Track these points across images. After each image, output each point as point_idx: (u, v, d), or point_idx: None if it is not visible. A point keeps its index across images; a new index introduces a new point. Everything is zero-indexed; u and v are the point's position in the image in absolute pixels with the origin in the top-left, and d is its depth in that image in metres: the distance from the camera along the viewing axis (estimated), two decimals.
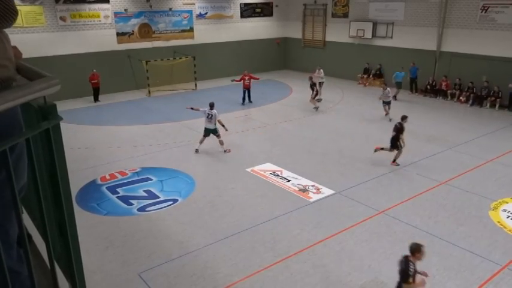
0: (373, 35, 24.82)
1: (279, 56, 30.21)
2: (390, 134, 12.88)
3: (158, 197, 10.69)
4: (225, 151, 13.72)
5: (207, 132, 13.62)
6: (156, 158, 13.37)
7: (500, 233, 9.09)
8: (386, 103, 18.03)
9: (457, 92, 20.99)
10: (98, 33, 21.93)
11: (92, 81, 20.72)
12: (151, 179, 11.76)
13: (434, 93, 22.02)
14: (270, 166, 12.65)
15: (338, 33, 26.77)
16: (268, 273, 7.68)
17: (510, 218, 9.67)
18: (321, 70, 22.05)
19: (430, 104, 20.76)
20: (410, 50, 23.09)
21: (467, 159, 13.19)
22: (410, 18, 23.09)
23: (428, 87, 22.31)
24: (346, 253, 8.29)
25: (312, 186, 11.24)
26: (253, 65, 28.51)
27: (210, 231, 9.12)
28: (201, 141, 13.73)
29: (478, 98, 20.17)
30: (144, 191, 11.05)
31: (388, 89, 18.03)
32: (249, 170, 12.42)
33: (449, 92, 21.28)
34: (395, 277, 7.48)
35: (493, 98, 19.63)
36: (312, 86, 19.16)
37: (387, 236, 8.93)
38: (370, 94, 22.89)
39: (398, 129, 12.55)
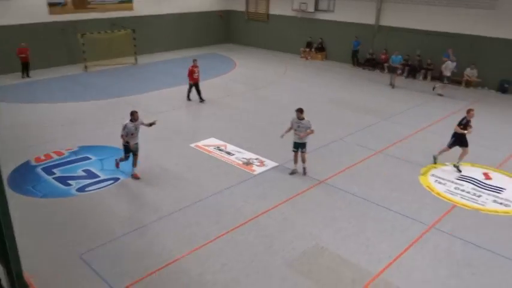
0: (316, 9, 25.07)
1: (222, 29, 29.76)
2: (328, 106, 13.22)
3: (98, 176, 10.38)
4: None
5: None
6: (95, 136, 12.90)
7: (429, 196, 9.81)
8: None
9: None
10: (26, 2, 20.34)
11: (20, 56, 19.30)
12: (90, 158, 11.37)
13: (372, 65, 22.84)
14: (214, 141, 12.65)
15: (281, 6, 26.77)
16: (214, 246, 7.81)
17: (438, 182, 10.44)
18: None
19: (369, 77, 21.54)
20: (351, 23, 23.64)
21: (400, 129, 13.95)
22: None
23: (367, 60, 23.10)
24: (288, 222, 8.59)
25: (256, 159, 11.42)
26: (196, 39, 27.98)
27: (154, 208, 9.06)
28: None
29: (412, 70, 21.19)
30: (83, 170, 10.67)
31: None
32: (193, 145, 12.35)
33: (386, 64, 22.13)
34: (335, 242, 7.93)
35: (425, 70, 20.72)
36: None
37: (327, 204, 9.34)
38: (312, 67, 23.35)
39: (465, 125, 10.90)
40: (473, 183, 10.40)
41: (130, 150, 10.05)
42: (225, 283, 6.90)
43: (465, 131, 10.80)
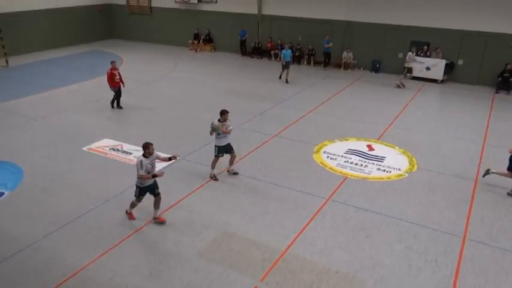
0: (199, 0, 25.01)
1: (103, 24, 28.10)
2: (223, 96, 13.42)
3: None
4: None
5: None
6: None
7: (323, 171, 10.60)
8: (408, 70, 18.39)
9: (280, 52, 22.90)
10: None
11: None
12: None
13: (260, 54, 23.64)
14: (108, 142, 12.04)
15: None
16: (121, 248, 7.53)
17: (329, 158, 11.32)
18: None
19: (258, 65, 22.28)
20: (236, 14, 24.08)
21: (292, 112, 14.75)
22: None
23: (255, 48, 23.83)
24: (195, 214, 8.61)
25: None
26: (75, 35, 26.06)
27: (50, 219, 8.38)
28: None
29: (297, 57, 22.40)
30: None
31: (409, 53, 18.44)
32: (85, 148, 11.63)
33: (272, 52, 23.08)
34: (243, 226, 8.17)
35: (308, 56, 22.10)
36: None
37: (231, 191, 9.56)
38: (202, 59, 23.37)
39: None
40: (359, 156, 11.47)
41: (146, 190, 8.11)
42: (137, 284, 6.72)
43: None
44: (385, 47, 20.66)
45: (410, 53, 18.22)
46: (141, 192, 8.08)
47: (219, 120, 9.66)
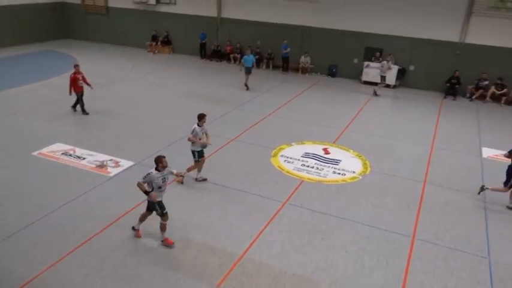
0: (158, 1, 24.66)
1: (57, 24, 27.08)
2: (181, 99, 13.29)
3: None
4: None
5: None
6: None
7: (280, 175, 10.74)
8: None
9: (238, 56, 23.00)
10: None
11: None
12: None
13: (219, 57, 23.61)
14: (60, 146, 11.63)
15: None
16: (72, 258, 7.28)
17: (286, 161, 11.48)
18: None
19: (217, 68, 22.24)
20: (195, 16, 23.93)
21: (251, 116, 14.84)
22: None
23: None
24: (152, 221, 8.46)
25: (110, 160, 10.90)
26: (25, 34, 24.95)
27: None
28: None
29: (256, 60, 22.51)
30: None
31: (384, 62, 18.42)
32: (35, 153, 11.16)
33: (232, 56, 23.12)
34: (200, 232, 8.13)
35: (267, 60, 22.31)
36: None
37: (189, 196, 9.49)
38: (160, 61, 23.05)
39: None
40: (315, 159, 11.71)
41: (154, 207, 7.61)
42: None
43: None
44: (341, 52, 21.21)
45: (385, 61, 18.37)
46: (150, 207, 7.68)
47: (198, 125, 9.63)
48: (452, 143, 13.51)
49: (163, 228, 7.71)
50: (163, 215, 7.62)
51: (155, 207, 7.59)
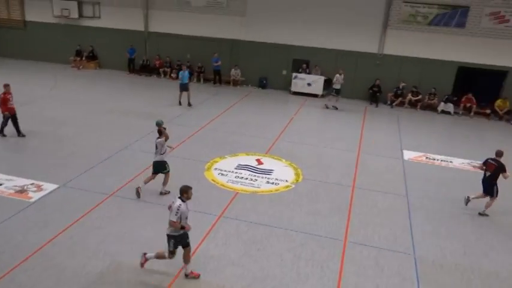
0: (80, 15, 23.73)
1: None
2: (110, 115, 12.82)
3: None
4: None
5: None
6: None
7: (214, 188, 10.68)
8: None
9: (169, 70, 22.72)
10: None
11: None
12: None
13: (148, 71, 23.14)
14: None
15: (40, 12, 24.29)
16: None
17: (220, 174, 11.45)
18: None
19: (147, 83, 21.78)
20: (121, 30, 23.32)
21: (183, 130, 14.65)
22: None
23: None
24: (79, 245, 8.00)
25: (31, 184, 10.17)
26: None
27: None
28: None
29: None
30: None
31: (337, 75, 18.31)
32: None
33: (162, 70, 22.78)
34: (132, 253, 7.80)
35: (198, 73, 22.26)
36: None
37: (120, 217, 9.10)
38: (86, 77, 22.11)
39: (499, 168, 9.85)
40: (249, 170, 11.80)
41: (180, 241, 7.10)
42: None
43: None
44: (270, 64, 21.74)
45: (337, 74, 18.66)
46: (176, 243, 7.07)
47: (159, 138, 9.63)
48: (376, 148, 14.30)
49: (187, 259, 7.22)
50: (186, 246, 7.18)
51: (186, 240, 7.14)
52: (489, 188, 10.05)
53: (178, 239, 7.06)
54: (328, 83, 20.99)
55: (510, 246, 8.95)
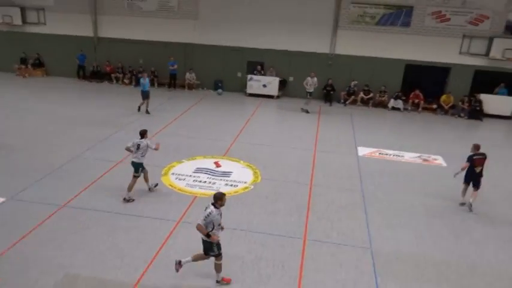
0: (24, 21, 22.70)
1: None
2: (60, 124, 12.33)
3: None
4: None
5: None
6: None
7: (173, 193, 10.51)
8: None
9: (121, 76, 22.18)
10: None
11: None
12: None
13: (99, 78, 22.47)
14: None
15: None
16: None
17: (178, 178, 11.29)
18: None
19: (98, 89, 21.15)
20: (69, 36, 22.54)
21: (137, 136, 14.25)
22: (62, 4, 22.29)
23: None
24: (30, 260, 7.61)
25: None
26: None
27: None
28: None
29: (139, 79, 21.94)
30: None
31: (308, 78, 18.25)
32: None
33: (113, 75, 22.20)
34: (88, 265, 7.52)
35: (151, 78, 21.86)
36: None
37: (73, 228, 8.73)
38: (32, 85, 21.16)
39: (485, 159, 10.36)
40: (207, 173, 11.71)
41: (212, 249, 7.06)
42: None
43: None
44: (225, 67, 21.73)
45: (308, 78, 18.63)
46: (220, 247, 7.09)
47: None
48: (332, 145, 14.62)
49: (219, 269, 7.22)
50: (219, 255, 7.13)
51: (213, 248, 7.03)
52: (479, 180, 10.40)
53: (208, 245, 7.03)
54: (283, 84, 21.26)
55: (457, 233, 9.42)
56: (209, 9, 21.01)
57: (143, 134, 10.21)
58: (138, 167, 9.99)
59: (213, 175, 11.63)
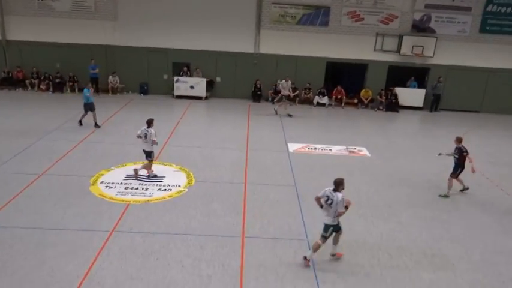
0: None
1: None
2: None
3: None
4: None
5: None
6: None
7: (103, 203, 10.04)
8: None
9: (36, 81, 20.71)
10: None
11: None
12: None
13: (12, 85, 20.79)
14: None
15: None
16: None
17: (108, 187, 10.81)
18: None
19: (10, 97, 19.55)
20: None
21: (60, 145, 13.49)
22: None
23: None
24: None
25: None
26: None
27: None
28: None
29: (58, 84, 20.65)
30: None
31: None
32: None
33: (27, 82, 20.66)
34: (17, 286, 6.94)
35: (71, 83, 20.70)
36: None
37: None
38: None
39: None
40: (139, 179, 11.34)
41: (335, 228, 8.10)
42: None
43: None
44: (150, 69, 21.18)
45: (283, 81, 18.62)
46: (333, 230, 8.02)
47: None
48: (263, 143, 14.90)
49: (336, 242, 8.27)
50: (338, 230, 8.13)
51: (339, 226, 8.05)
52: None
53: (336, 228, 8.01)
54: (211, 85, 21.21)
55: (385, 218, 10.08)
56: (128, 9, 20.34)
57: (150, 122, 11.03)
58: (149, 153, 11.12)
59: (145, 181, 11.30)
